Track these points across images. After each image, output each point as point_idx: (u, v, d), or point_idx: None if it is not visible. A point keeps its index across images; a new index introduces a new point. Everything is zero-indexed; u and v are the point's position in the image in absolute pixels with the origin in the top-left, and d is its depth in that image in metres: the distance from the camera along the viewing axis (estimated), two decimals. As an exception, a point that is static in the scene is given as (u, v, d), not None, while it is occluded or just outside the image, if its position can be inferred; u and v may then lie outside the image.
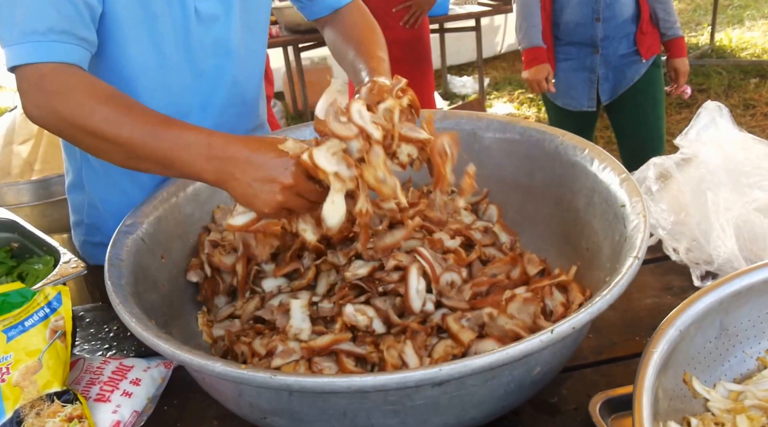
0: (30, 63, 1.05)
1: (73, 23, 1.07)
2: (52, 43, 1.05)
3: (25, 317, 1.04)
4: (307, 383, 0.78)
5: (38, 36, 1.04)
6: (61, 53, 1.06)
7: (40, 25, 1.04)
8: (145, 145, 1.02)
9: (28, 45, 1.04)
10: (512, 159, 1.34)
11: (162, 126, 1.02)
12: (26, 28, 1.04)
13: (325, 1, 1.42)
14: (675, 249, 1.33)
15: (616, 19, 2.79)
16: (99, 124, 1.02)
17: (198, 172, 1.02)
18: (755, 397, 0.89)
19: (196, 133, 1.01)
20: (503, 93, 6.27)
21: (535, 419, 1.04)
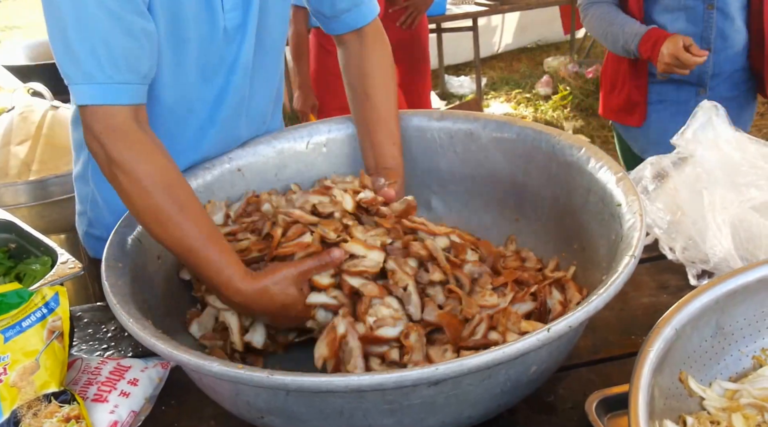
0: (96, 104, 1.06)
1: (137, 61, 1.08)
2: (119, 85, 1.06)
3: (23, 318, 1.04)
4: (304, 382, 0.78)
5: (105, 77, 1.05)
6: (126, 96, 1.07)
7: (108, 66, 1.05)
8: (180, 252, 1.07)
9: (94, 86, 1.05)
10: (509, 158, 1.34)
11: (204, 243, 1.05)
12: (93, 69, 1.05)
13: (344, 19, 1.39)
14: (671, 248, 1.33)
15: (730, 49, 2.16)
16: (145, 210, 1.06)
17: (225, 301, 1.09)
18: (751, 395, 0.89)
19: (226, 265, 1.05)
20: (500, 93, 6.28)
21: (532, 418, 1.05)
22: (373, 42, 1.41)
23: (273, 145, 1.42)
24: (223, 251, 1.06)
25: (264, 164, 1.41)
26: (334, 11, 1.38)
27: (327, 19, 1.41)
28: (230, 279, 1.04)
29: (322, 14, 1.41)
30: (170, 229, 1.05)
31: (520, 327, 1.03)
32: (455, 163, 1.41)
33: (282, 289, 1.05)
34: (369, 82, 1.38)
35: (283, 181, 1.43)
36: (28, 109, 2.51)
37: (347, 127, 1.46)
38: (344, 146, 1.46)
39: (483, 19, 6.27)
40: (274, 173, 1.42)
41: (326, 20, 1.42)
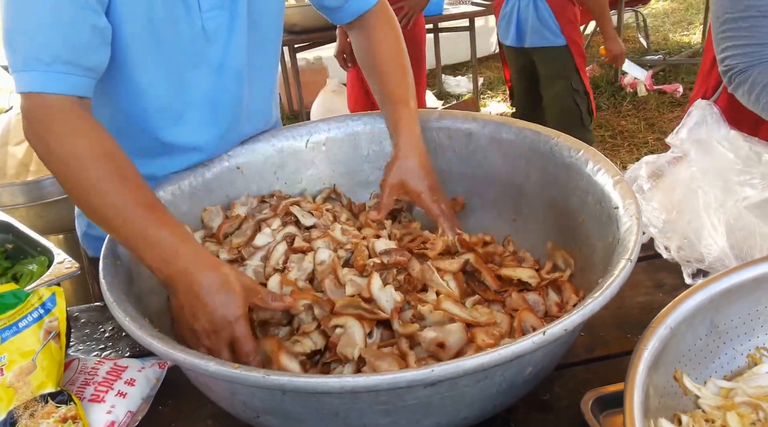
0: (34, 92, 1.05)
1: (79, 53, 1.06)
2: (57, 73, 1.04)
3: (19, 318, 1.04)
4: (300, 383, 0.79)
5: (43, 65, 1.04)
6: (65, 85, 1.05)
7: (46, 55, 1.03)
8: (116, 224, 1.02)
9: (33, 73, 1.04)
10: (507, 159, 1.35)
11: (143, 211, 1.01)
12: (31, 56, 1.04)
13: (348, 9, 1.42)
14: (666, 247, 1.33)
15: None
16: (88, 182, 1.02)
17: (152, 268, 1.01)
18: (745, 394, 0.90)
19: (171, 233, 1.00)
20: (497, 92, 6.28)
21: (527, 417, 1.05)
22: (379, 24, 1.43)
23: (272, 144, 1.43)
24: (167, 222, 1.02)
25: (263, 163, 1.41)
26: (337, 2, 1.41)
27: (332, 11, 1.44)
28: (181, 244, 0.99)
29: (325, 7, 1.44)
30: (108, 199, 1.01)
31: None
32: (454, 163, 1.41)
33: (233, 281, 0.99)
34: (379, 66, 1.40)
35: (282, 180, 1.43)
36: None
37: (347, 127, 1.46)
38: (343, 145, 1.46)
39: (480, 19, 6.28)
40: (273, 172, 1.43)
41: (331, 12, 1.44)
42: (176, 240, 0.99)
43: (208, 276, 0.97)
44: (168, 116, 1.27)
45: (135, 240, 1.01)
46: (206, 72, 1.26)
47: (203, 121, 1.30)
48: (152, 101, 1.24)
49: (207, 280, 0.97)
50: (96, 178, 1.02)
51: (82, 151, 1.03)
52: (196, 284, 0.97)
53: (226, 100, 1.31)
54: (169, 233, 1.00)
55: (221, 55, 1.26)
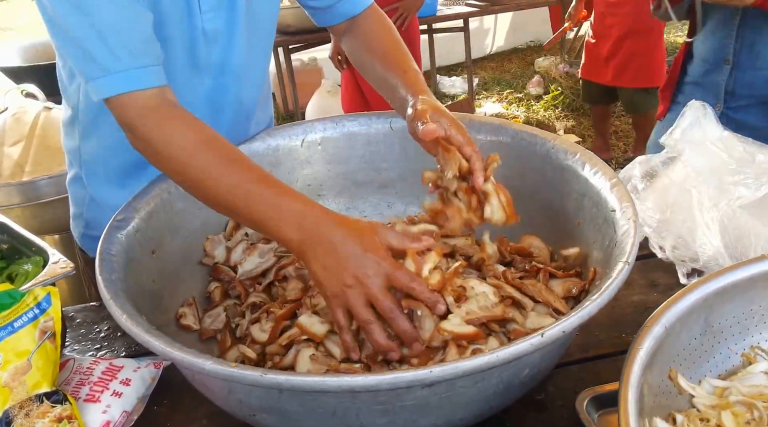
0: (123, 93, 1.05)
1: (149, 44, 1.08)
2: (138, 70, 1.05)
3: (14, 318, 1.04)
4: (298, 382, 0.79)
5: (123, 65, 1.04)
6: (150, 78, 1.06)
7: (124, 54, 1.04)
8: (238, 203, 1.00)
9: (116, 76, 1.04)
10: (504, 161, 1.33)
11: (260, 185, 1.00)
12: (109, 59, 1.04)
13: (338, 9, 1.38)
14: (661, 247, 1.34)
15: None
16: (202, 171, 1.02)
17: (284, 239, 0.98)
18: (740, 393, 0.90)
19: (292, 199, 0.99)
20: (492, 93, 6.29)
21: (522, 416, 1.05)
22: (373, 23, 1.39)
23: (268, 143, 1.43)
24: (283, 188, 1.01)
25: (259, 162, 1.38)
26: (326, 2, 1.38)
27: (320, 10, 1.40)
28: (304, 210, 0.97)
29: (315, 8, 1.40)
30: (222, 182, 1.01)
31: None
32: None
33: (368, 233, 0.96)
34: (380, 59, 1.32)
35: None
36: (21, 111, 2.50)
37: (342, 126, 1.46)
38: (339, 145, 1.46)
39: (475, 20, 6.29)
40: (269, 171, 1.41)
41: (319, 12, 1.41)
42: (300, 206, 0.98)
43: (341, 230, 0.94)
44: None
45: (261, 215, 0.99)
46: (206, 73, 1.26)
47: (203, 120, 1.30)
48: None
49: (341, 233, 0.94)
50: (208, 165, 1.02)
51: (187, 144, 1.03)
52: (333, 241, 0.94)
53: (226, 100, 1.31)
54: (291, 200, 0.99)
55: (221, 57, 1.26)
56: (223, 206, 1.04)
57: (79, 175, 1.43)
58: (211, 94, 1.29)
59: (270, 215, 0.98)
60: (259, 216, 0.99)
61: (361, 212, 1.48)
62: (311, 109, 5.35)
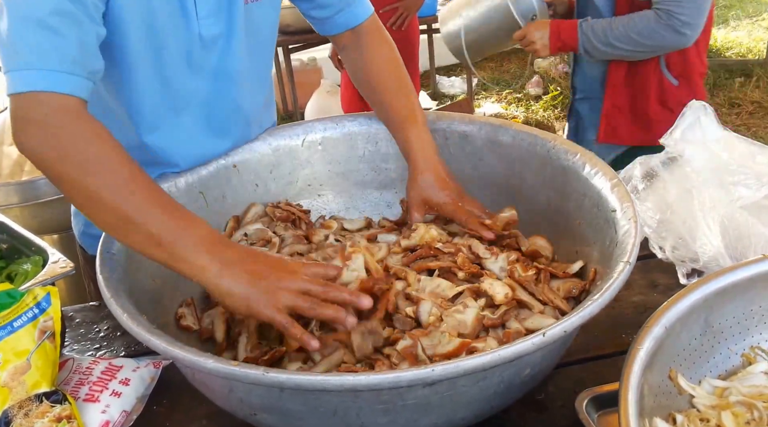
0: (34, 91, 0.98)
1: (86, 55, 1.03)
2: (66, 74, 1.00)
3: (14, 318, 1.04)
4: (299, 380, 0.79)
5: (53, 64, 0.99)
6: (73, 86, 1.00)
7: (54, 55, 0.99)
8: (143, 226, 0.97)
9: (38, 72, 0.99)
10: (503, 162, 1.35)
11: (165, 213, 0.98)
12: (38, 55, 0.99)
13: (337, 20, 1.38)
14: (661, 247, 1.34)
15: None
16: (99, 190, 0.97)
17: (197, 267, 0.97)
18: (740, 393, 0.90)
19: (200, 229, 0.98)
20: (491, 93, 6.29)
21: (523, 416, 1.05)
22: (372, 41, 1.39)
23: (268, 143, 1.43)
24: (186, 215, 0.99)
25: (259, 161, 1.41)
26: (326, 13, 1.38)
27: (320, 22, 1.41)
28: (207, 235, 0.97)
29: (315, 17, 1.40)
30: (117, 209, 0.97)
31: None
32: (450, 165, 1.40)
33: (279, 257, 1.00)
34: (378, 85, 1.37)
35: (278, 179, 1.43)
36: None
37: (343, 126, 1.46)
38: (339, 145, 1.46)
39: (474, 19, 6.27)
40: (269, 171, 1.43)
41: (320, 23, 1.41)
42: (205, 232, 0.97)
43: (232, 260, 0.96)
44: (162, 122, 1.26)
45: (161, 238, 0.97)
46: (202, 78, 1.26)
47: (197, 127, 1.31)
48: (148, 108, 1.23)
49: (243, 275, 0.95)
50: (121, 182, 0.98)
51: (103, 155, 0.99)
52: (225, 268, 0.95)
53: (222, 105, 1.31)
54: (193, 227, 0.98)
55: (219, 63, 1.26)
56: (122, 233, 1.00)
57: None
58: (208, 99, 1.29)
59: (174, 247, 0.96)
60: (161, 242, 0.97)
61: (361, 212, 1.48)
62: (311, 109, 5.35)
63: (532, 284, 1.10)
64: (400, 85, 1.36)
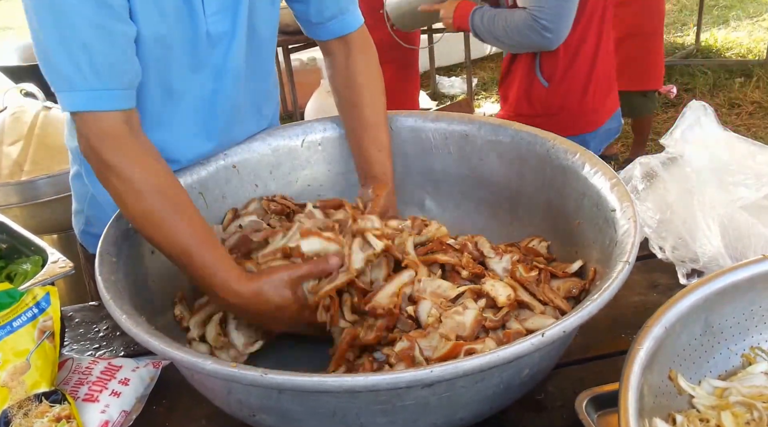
0: (82, 111, 1.06)
1: (120, 67, 1.08)
2: (101, 91, 1.06)
3: (13, 318, 1.04)
4: (298, 382, 0.78)
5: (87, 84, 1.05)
6: (111, 102, 1.07)
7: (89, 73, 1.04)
8: (173, 255, 1.07)
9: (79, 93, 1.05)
10: (503, 161, 1.35)
11: (197, 246, 1.05)
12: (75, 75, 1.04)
13: (329, 27, 1.40)
14: (661, 247, 1.34)
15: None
16: (139, 213, 1.06)
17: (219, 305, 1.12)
18: (740, 393, 0.90)
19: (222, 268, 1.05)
20: (491, 93, 6.29)
21: (522, 416, 1.05)
22: (360, 50, 1.41)
23: (268, 143, 1.43)
24: (217, 253, 1.06)
25: (258, 162, 1.41)
26: (320, 18, 1.38)
27: (313, 26, 1.41)
28: (226, 280, 1.04)
29: (307, 21, 1.41)
30: (164, 230, 1.05)
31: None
32: (449, 165, 1.41)
33: (277, 290, 1.06)
34: (356, 91, 1.39)
35: (278, 179, 1.43)
36: (21, 110, 2.50)
37: (342, 127, 1.46)
38: (339, 145, 1.46)
39: (475, 19, 6.27)
40: (269, 171, 1.42)
41: (312, 26, 1.42)
42: (224, 276, 1.05)
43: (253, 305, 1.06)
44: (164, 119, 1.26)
45: (189, 271, 1.07)
46: (205, 75, 1.26)
47: (199, 124, 1.31)
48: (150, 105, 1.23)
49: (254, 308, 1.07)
50: (151, 209, 1.05)
51: (137, 182, 1.06)
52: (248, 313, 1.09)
53: (223, 103, 1.31)
54: (227, 268, 1.06)
55: (222, 59, 1.26)
56: (160, 249, 1.09)
57: (80, 172, 1.43)
58: (210, 96, 1.29)
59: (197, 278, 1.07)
60: (188, 272, 1.07)
61: (361, 212, 1.48)
62: (310, 109, 5.34)
63: (534, 285, 1.10)
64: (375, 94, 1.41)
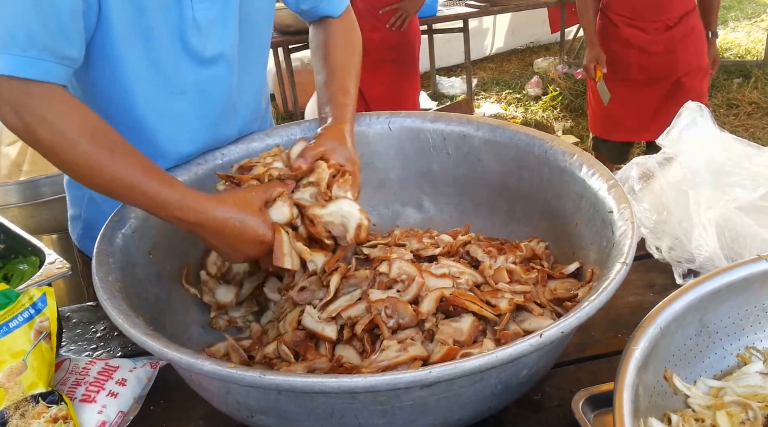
0: (12, 76, 1.03)
1: (56, 40, 1.06)
2: (33, 59, 1.04)
3: (10, 319, 1.04)
4: (297, 382, 0.78)
5: (18, 50, 1.02)
6: (41, 71, 1.04)
7: (22, 39, 1.02)
8: (121, 193, 1.08)
9: (8, 57, 1.03)
10: (501, 162, 1.35)
11: (142, 178, 1.06)
12: (6, 39, 1.02)
13: (319, 10, 1.47)
14: (657, 247, 1.34)
15: None
16: (81, 160, 1.06)
17: (174, 224, 1.10)
18: (735, 393, 0.90)
19: (172, 191, 1.07)
20: (491, 93, 6.29)
21: (519, 416, 1.05)
22: (341, 26, 1.48)
23: (266, 142, 1.42)
24: (164, 180, 1.08)
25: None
26: (308, 5, 1.46)
27: (304, 12, 1.50)
28: (182, 200, 1.06)
29: (300, 9, 1.49)
30: (104, 172, 1.05)
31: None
32: (447, 165, 1.41)
33: (241, 202, 1.10)
34: (330, 51, 1.44)
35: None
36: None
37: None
38: (336, 145, 1.46)
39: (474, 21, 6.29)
40: (267, 171, 1.42)
41: (304, 13, 1.50)
42: (178, 196, 1.07)
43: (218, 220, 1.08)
44: (156, 106, 1.26)
45: (144, 205, 1.09)
46: (197, 63, 1.26)
47: (192, 113, 1.30)
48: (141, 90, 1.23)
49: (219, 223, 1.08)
50: (87, 155, 1.05)
51: (69, 131, 1.05)
52: (213, 230, 1.09)
53: (216, 92, 1.31)
54: (171, 191, 1.07)
55: (214, 48, 1.26)
56: (108, 194, 1.10)
57: None
58: (203, 84, 1.29)
59: (154, 209, 1.08)
60: (144, 207, 1.10)
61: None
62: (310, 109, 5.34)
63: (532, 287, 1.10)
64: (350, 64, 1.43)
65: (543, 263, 1.21)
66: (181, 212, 1.06)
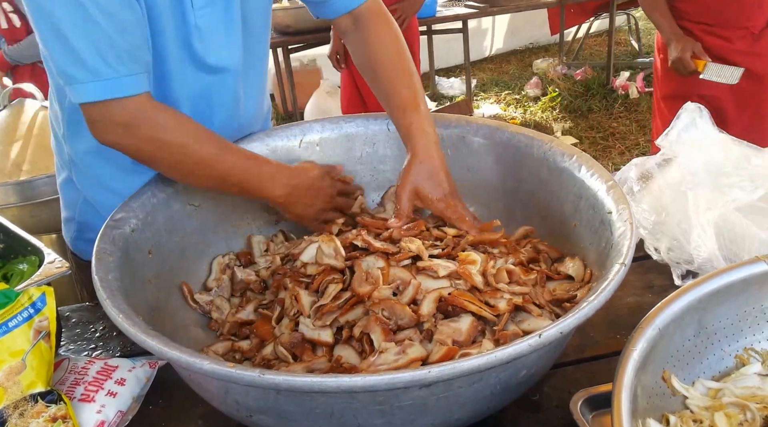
0: (115, 98, 1.10)
1: (136, 50, 1.12)
2: (129, 77, 1.10)
3: (9, 318, 1.04)
4: (296, 382, 0.78)
5: (111, 71, 1.08)
6: (136, 85, 1.12)
7: (114, 61, 1.08)
8: (234, 180, 1.21)
9: (108, 81, 1.09)
10: (500, 163, 1.35)
11: (249, 162, 1.24)
12: (100, 65, 1.07)
13: (334, 3, 1.37)
14: (656, 248, 1.34)
15: None
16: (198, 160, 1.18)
17: (275, 196, 1.25)
18: (733, 394, 0.90)
19: (272, 167, 1.26)
20: (490, 94, 6.30)
21: (518, 417, 1.06)
22: (373, 24, 1.37)
23: (266, 143, 1.43)
24: (260, 159, 1.26)
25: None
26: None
27: (317, 4, 1.39)
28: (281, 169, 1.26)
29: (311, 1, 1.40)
30: (218, 168, 1.19)
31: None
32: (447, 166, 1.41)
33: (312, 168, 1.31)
34: (380, 70, 1.35)
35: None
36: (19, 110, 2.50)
37: (340, 128, 1.46)
38: (337, 146, 1.47)
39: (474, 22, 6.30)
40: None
41: (317, 6, 1.40)
42: (273, 169, 1.26)
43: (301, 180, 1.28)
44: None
45: (257, 184, 1.24)
46: (204, 69, 1.26)
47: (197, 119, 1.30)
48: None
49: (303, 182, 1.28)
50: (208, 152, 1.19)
51: (184, 135, 1.17)
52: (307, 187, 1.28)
53: (223, 99, 1.31)
54: (268, 166, 1.25)
55: (217, 55, 1.26)
56: (219, 185, 1.23)
57: (70, 177, 1.42)
58: (208, 90, 1.29)
59: (264, 183, 1.24)
60: (254, 184, 1.23)
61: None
62: (310, 109, 5.36)
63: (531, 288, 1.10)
64: (403, 71, 1.33)
65: (541, 264, 1.21)
66: (286, 178, 1.24)
